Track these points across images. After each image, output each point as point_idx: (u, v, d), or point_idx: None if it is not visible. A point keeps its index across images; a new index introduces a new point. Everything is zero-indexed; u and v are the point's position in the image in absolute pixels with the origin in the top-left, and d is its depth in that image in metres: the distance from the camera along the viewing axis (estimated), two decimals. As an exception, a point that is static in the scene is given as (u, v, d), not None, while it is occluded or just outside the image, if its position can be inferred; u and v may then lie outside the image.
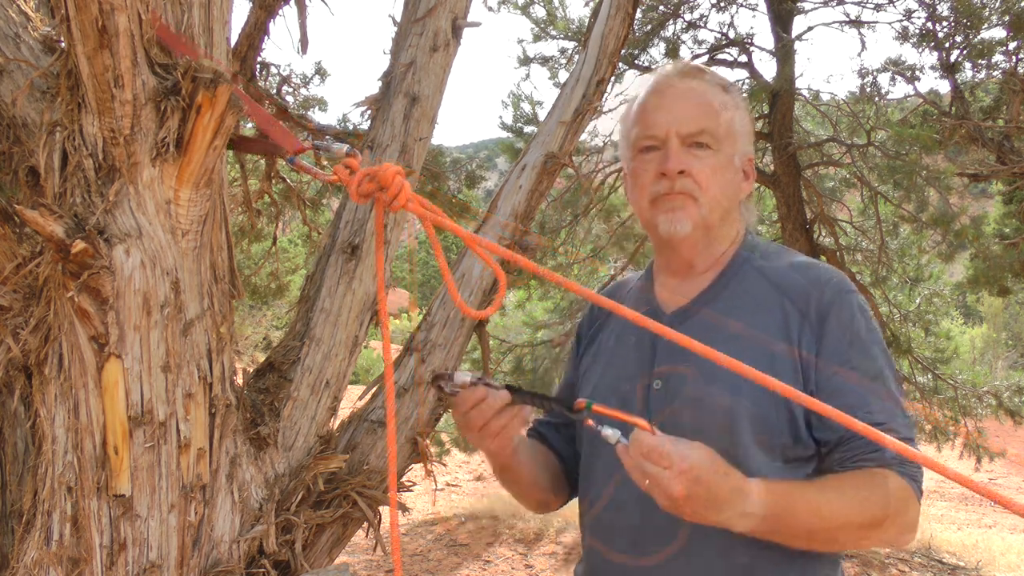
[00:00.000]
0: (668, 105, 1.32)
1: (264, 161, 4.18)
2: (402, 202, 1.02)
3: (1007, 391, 6.68)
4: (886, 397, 1.20)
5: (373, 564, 6.36)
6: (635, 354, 1.34)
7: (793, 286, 1.27)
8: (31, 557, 1.43)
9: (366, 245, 2.03)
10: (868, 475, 1.17)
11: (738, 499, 1.09)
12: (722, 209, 1.31)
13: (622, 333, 1.39)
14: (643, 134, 1.33)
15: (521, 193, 2.32)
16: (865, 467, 1.18)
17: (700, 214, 1.29)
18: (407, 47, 2.17)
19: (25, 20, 1.68)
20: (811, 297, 1.25)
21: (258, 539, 1.64)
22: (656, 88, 1.35)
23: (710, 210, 1.29)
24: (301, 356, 1.96)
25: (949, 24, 5.28)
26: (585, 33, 3.53)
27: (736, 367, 0.80)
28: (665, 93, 1.33)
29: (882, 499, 1.15)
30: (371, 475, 1.98)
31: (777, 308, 1.26)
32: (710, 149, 1.29)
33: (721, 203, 1.31)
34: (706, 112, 1.30)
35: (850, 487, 1.16)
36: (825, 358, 1.20)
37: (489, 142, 40.86)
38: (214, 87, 1.32)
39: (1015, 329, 22.27)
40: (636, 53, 6.57)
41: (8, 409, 1.66)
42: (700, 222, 1.29)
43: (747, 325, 1.25)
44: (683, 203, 1.29)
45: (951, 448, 7.20)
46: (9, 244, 1.52)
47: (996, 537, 7.88)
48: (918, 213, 6.26)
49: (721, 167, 1.30)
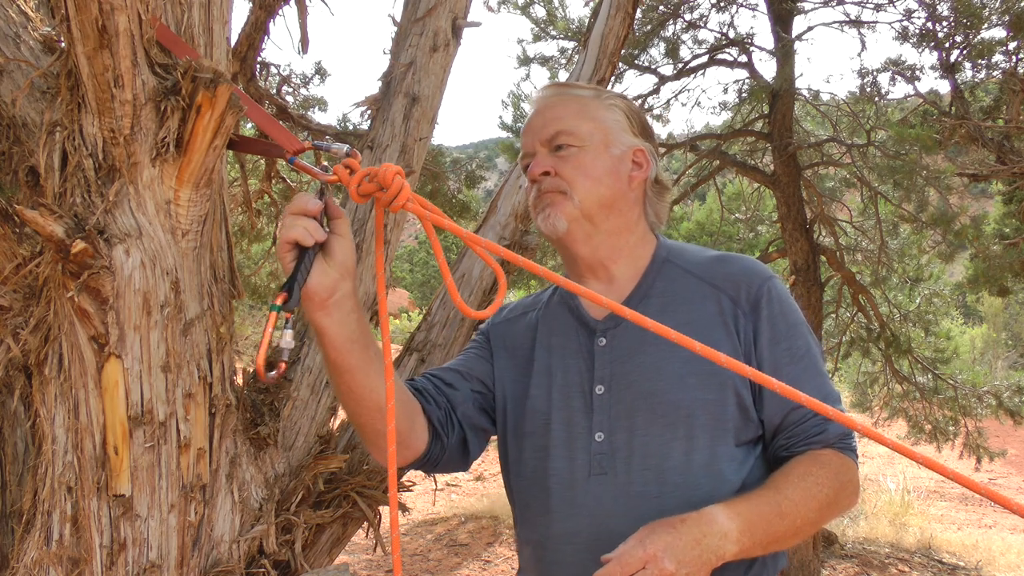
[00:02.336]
0: (532, 122, 1.42)
1: (264, 161, 4.18)
2: (401, 202, 1.03)
3: (1007, 391, 6.68)
4: (816, 374, 1.30)
5: (373, 564, 6.36)
6: (574, 363, 1.36)
7: (721, 278, 1.34)
8: (31, 557, 1.43)
9: (366, 245, 2.03)
10: (814, 458, 1.26)
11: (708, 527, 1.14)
12: (599, 196, 1.35)
13: (555, 346, 1.40)
14: (522, 155, 1.44)
15: (521, 193, 2.32)
16: (810, 450, 1.27)
17: (573, 205, 1.34)
18: (407, 47, 2.17)
19: (25, 20, 1.68)
20: (741, 286, 1.32)
21: (258, 539, 1.64)
22: (530, 114, 1.46)
23: (583, 199, 1.34)
24: (301, 356, 1.96)
25: (949, 24, 5.28)
26: (585, 33, 3.53)
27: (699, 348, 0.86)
28: (533, 114, 1.44)
29: (833, 478, 1.25)
30: (371, 475, 1.98)
31: (711, 300, 1.32)
32: (574, 147, 1.36)
33: (596, 190, 1.35)
34: (560, 116, 1.38)
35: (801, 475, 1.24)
36: (763, 343, 1.29)
37: (489, 142, 40.86)
38: (214, 87, 1.32)
39: (1015, 329, 22.27)
40: (636, 53, 6.57)
41: (8, 409, 1.66)
42: (576, 214, 1.35)
43: (684, 320, 1.30)
44: (552, 200, 1.35)
45: (951, 448, 7.19)
46: (9, 244, 1.52)
47: (996, 537, 7.88)
48: (918, 213, 6.26)
49: (589, 159, 1.36)
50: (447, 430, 1.38)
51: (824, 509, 1.24)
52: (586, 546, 1.26)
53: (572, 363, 1.36)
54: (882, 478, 9.42)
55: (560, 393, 1.35)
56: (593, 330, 1.36)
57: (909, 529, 7.65)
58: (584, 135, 1.37)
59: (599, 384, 1.31)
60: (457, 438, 1.40)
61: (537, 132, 1.40)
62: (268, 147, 1.33)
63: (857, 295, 6.74)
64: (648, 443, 1.25)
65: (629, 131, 1.41)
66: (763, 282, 1.32)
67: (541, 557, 1.33)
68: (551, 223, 1.35)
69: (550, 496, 1.31)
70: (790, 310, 1.33)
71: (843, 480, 1.26)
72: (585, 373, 1.33)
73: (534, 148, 1.40)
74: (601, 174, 1.35)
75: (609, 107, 1.41)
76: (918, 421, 7.19)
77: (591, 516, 1.26)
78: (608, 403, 1.30)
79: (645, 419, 1.27)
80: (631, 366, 1.30)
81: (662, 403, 1.26)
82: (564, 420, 1.33)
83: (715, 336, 1.28)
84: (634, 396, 1.28)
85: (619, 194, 1.37)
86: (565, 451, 1.31)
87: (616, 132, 1.39)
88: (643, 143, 1.42)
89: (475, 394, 1.43)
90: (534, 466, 1.35)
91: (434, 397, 1.39)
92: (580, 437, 1.30)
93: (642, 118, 1.46)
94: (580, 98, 1.42)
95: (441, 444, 1.38)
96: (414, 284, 28.43)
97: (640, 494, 1.25)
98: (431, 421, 1.35)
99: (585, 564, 1.26)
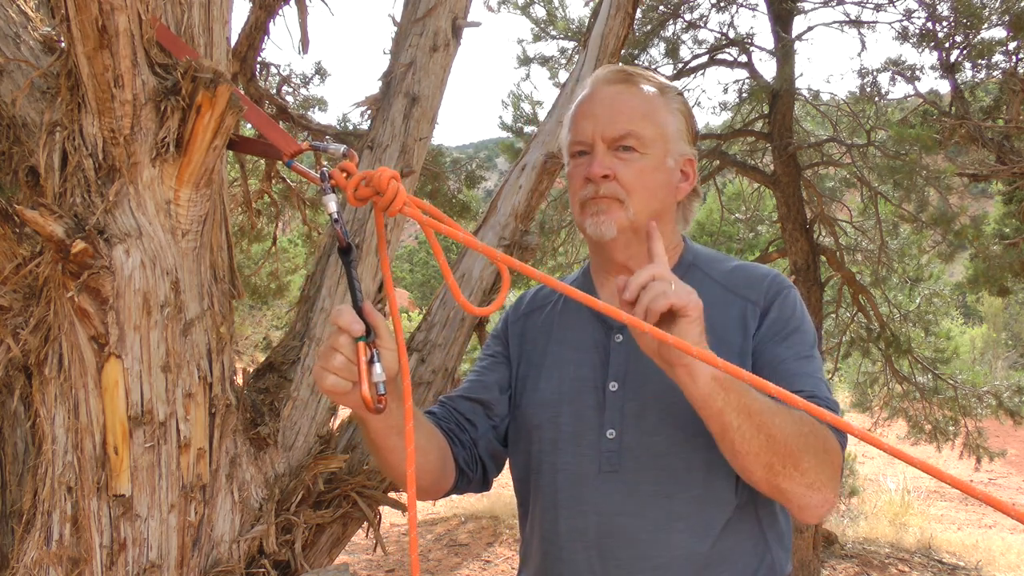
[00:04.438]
0: (595, 111, 1.34)
1: (264, 161, 4.18)
2: (398, 207, 1.01)
3: (1007, 391, 6.68)
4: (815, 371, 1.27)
5: (373, 564, 6.36)
6: (588, 357, 1.34)
7: (743, 284, 1.33)
8: (31, 557, 1.43)
9: (365, 244, 2.03)
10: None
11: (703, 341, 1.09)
12: (652, 211, 1.32)
13: (570, 340, 1.39)
14: (574, 140, 1.37)
15: (521, 193, 2.32)
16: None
17: (626, 217, 1.30)
18: (407, 47, 2.17)
19: (25, 20, 1.68)
20: (760, 289, 1.32)
21: (258, 539, 1.64)
22: (587, 94, 1.38)
23: (637, 212, 1.30)
24: (301, 356, 1.96)
25: (949, 24, 5.28)
26: (585, 33, 3.53)
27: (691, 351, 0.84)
28: (594, 99, 1.36)
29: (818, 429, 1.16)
30: (371, 475, 1.98)
31: (734, 305, 1.31)
32: (637, 152, 1.31)
33: (650, 205, 1.32)
34: (631, 116, 1.32)
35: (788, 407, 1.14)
36: (766, 324, 1.28)
37: (489, 142, 40.87)
38: (214, 87, 1.32)
39: (1015, 329, 22.26)
40: (636, 53, 6.57)
41: (8, 409, 1.66)
42: (626, 225, 1.31)
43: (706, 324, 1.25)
44: (608, 207, 1.31)
45: (951, 448, 7.19)
46: (9, 244, 1.52)
47: (996, 537, 7.88)
48: (918, 213, 6.26)
49: (649, 169, 1.31)
50: (472, 468, 1.40)
51: (802, 447, 1.13)
52: (594, 544, 1.26)
53: (587, 358, 1.34)
54: (882, 478, 9.42)
55: (572, 386, 1.34)
56: (611, 326, 1.34)
57: (909, 529, 7.65)
58: (649, 141, 1.31)
59: (613, 381, 1.30)
60: (480, 471, 1.42)
61: (602, 125, 1.32)
62: (268, 148, 1.32)
63: (857, 295, 6.74)
64: (659, 443, 1.24)
65: (686, 139, 1.37)
66: (782, 288, 1.33)
67: (547, 553, 1.32)
68: (600, 229, 1.31)
69: (558, 491, 1.30)
70: (802, 315, 1.32)
71: (828, 445, 1.17)
72: (600, 369, 1.32)
73: (595, 141, 1.32)
74: (656, 187, 1.32)
75: (673, 111, 1.36)
76: (918, 421, 7.19)
77: (599, 514, 1.26)
78: (621, 400, 1.28)
79: (657, 418, 1.25)
80: (646, 364, 1.25)
81: (675, 403, 1.24)
82: (574, 414, 1.32)
83: (733, 339, 1.27)
84: (648, 395, 1.27)
85: (667, 207, 1.36)
86: (574, 446, 1.30)
87: (675, 140, 1.35)
88: (693, 151, 1.39)
89: (493, 423, 1.43)
90: (542, 460, 1.34)
91: (459, 437, 1.40)
92: (590, 433, 1.29)
93: (695, 121, 1.41)
94: (647, 95, 1.35)
95: (467, 479, 1.40)
96: (414, 284, 28.42)
97: (650, 493, 1.24)
98: (458, 462, 1.38)
99: (592, 562, 1.25)
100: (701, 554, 1.22)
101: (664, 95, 1.37)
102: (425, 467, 1.27)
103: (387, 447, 1.22)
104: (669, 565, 1.22)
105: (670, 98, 1.37)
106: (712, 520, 1.22)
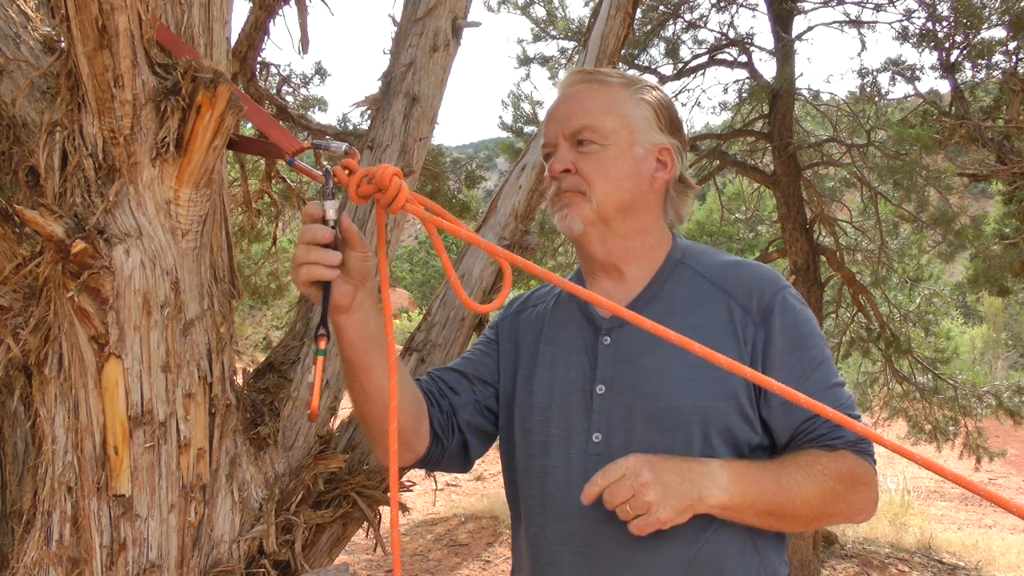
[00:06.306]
0: (557, 112, 1.37)
1: (264, 161, 4.18)
2: (400, 203, 1.02)
3: (1007, 391, 6.68)
4: (830, 385, 1.27)
5: (373, 564, 6.36)
6: (577, 359, 1.34)
7: (733, 284, 1.31)
8: (31, 557, 1.43)
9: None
10: (827, 451, 1.23)
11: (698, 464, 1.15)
12: (618, 200, 1.32)
13: (560, 340, 1.39)
14: (543, 144, 1.39)
15: (521, 193, 2.32)
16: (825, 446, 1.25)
17: (591, 208, 1.31)
18: (407, 47, 2.17)
19: (25, 20, 1.68)
20: (753, 295, 1.29)
21: (258, 539, 1.64)
22: (555, 100, 1.40)
23: (602, 202, 1.31)
24: (301, 356, 1.96)
25: (949, 24, 5.28)
26: (585, 33, 3.53)
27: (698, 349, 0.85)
28: (558, 102, 1.39)
29: (844, 473, 1.21)
30: (371, 475, 1.98)
31: (720, 306, 1.29)
32: (596, 144, 1.32)
33: (616, 194, 1.31)
34: (588, 111, 1.33)
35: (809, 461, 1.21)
36: (775, 352, 1.26)
37: (489, 142, 40.87)
38: (214, 87, 1.32)
39: (1015, 329, 22.26)
40: (636, 53, 6.57)
41: (8, 409, 1.66)
42: (593, 216, 1.31)
43: (691, 324, 1.26)
44: (570, 199, 1.32)
45: (951, 448, 7.19)
46: (9, 244, 1.52)
47: (996, 537, 7.88)
48: (918, 213, 6.26)
49: (611, 159, 1.31)
50: (447, 434, 1.38)
51: (830, 501, 1.19)
52: (581, 549, 1.25)
53: (575, 359, 1.34)
54: (882, 478, 9.42)
55: (561, 389, 1.33)
56: (599, 328, 1.34)
57: (909, 529, 7.65)
58: (608, 132, 1.31)
59: (600, 383, 1.30)
60: (457, 441, 1.40)
61: (561, 123, 1.34)
62: (268, 147, 1.33)
63: (857, 295, 6.74)
64: (645, 448, 1.22)
65: (656, 127, 1.35)
66: (776, 291, 1.29)
67: (536, 557, 1.32)
68: (567, 224, 1.32)
69: (547, 495, 1.30)
70: (804, 320, 1.29)
71: (855, 477, 1.21)
72: (587, 371, 1.32)
73: (557, 140, 1.35)
74: (621, 176, 1.31)
75: (638, 101, 1.35)
76: (918, 421, 7.19)
77: (585, 519, 1.25)
78: (608, 404, 1.28)
79: (644, 423, 1.25)
80: (634, 368, 1.28)
81: (662, 408, 1.24)
82: (564, 417, 1.32)
83: (722, 343, 1.25)
84: (634, 399, 1.26)
85: (639, 196, 1.34)
86: (563, 450, 1.30)
87: (642, 129, 1.34)
88: (669, 140, 1.36)
89: (477, 397, 1.42)
90: (532, 463, 1.34)
91: (437, 400, 1.39)
92: (578, 436, 1.29)
93: (672, 111, 1.39)
94: (609, 88, 1.35)
95: (441, 447, 1.38)
96: (414, 284, 28.44)
97: None
98: (432, 424, 1.36)
99: (579, 567, 1.25)
100: (687, 559, 1.21)
101: (629, 88, 1.37)
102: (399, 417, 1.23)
103: (363, 366, 1.21)
104: (655, 570, 1.22)
105: (636, 90, 1.37)
106: (698, 525, 1.21)
